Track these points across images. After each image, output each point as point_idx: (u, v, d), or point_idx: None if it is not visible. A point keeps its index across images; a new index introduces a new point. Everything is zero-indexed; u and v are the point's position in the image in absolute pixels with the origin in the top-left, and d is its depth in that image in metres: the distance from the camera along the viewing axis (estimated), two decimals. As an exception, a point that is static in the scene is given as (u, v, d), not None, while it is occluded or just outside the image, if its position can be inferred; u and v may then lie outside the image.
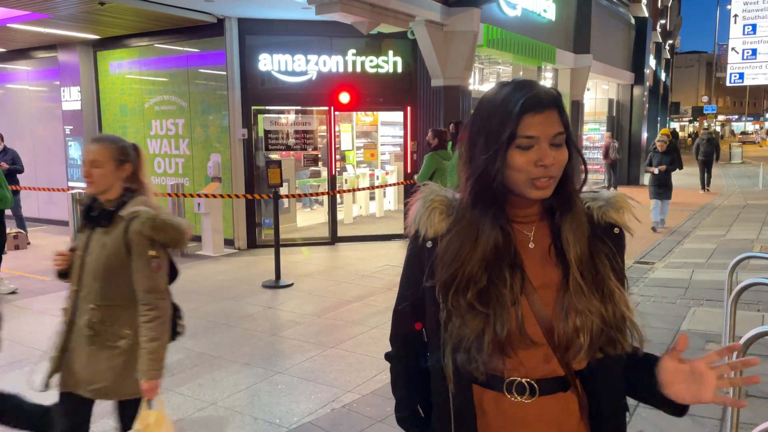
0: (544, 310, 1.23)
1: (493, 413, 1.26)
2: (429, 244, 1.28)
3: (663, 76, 27.67)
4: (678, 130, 47.30)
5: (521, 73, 12.89)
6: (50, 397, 2.63)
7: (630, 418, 3.59)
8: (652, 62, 22.38)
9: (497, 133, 1.20)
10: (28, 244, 9.36)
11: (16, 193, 9.22)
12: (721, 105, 60.89)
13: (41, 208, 11.57)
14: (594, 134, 18.53)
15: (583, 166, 1.31)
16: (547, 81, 14.11)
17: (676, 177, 10.90)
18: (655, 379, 1.24)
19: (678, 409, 1.26)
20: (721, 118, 63.87)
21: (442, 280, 1.23)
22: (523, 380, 1.24)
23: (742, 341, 2.72)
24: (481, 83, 12.01)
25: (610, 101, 18.79)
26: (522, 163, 1.19)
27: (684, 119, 59.80)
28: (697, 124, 56.53)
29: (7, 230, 9.01)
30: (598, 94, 18.47)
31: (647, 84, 20.21)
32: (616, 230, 1.31)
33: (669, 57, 30.33)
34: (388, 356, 1.53)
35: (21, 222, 9.40)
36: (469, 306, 1.19)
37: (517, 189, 1.23)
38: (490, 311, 1.18)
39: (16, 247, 9.05)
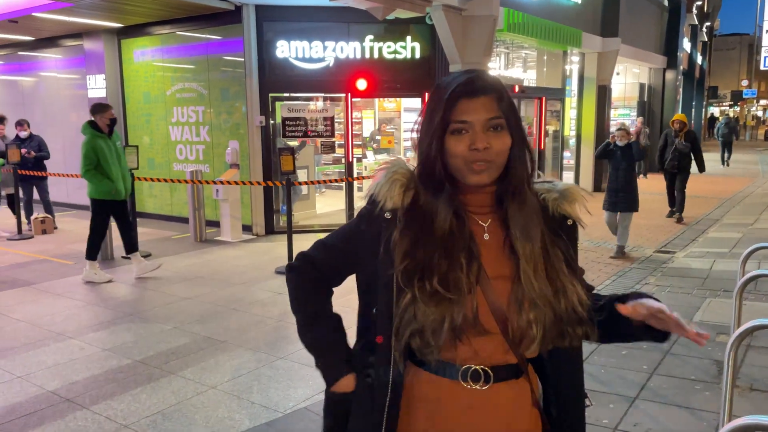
0: (499, 301, 1.24)
1: (449, 401, 1.27)
2: (387, 215, 1.27)
3: (699, 59, 26.83)
4: (717, 115, 45.96)
5: (545, 57, 12.66)
6: None
7: (628, 410, 3.53)
8: (686, 45, 21.74)
9: (434, 119, 1.22)
10: (55, 228, 9.62)
11: (43, 179, 9.50)
12: (762, 89, 58.69)
13: (70, 194, 11.86)
14: (624, 120, 18.13)
15: (529, 156, 1.29)
16: (573, 65, 13.83)
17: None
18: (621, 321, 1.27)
19: (660, 335, 1.26)
20: (763, 102, 61.58)
21: (403, 266, 1.23)
22: (479, 368, 1.25)
23: (735, 334, 2.63)
24: (506, 68, 11.85)
25: (641, 86, 18.33)
26: (457, 149, 1.21)
27: (724, 104, 58.00)
28: (738, 108, 54.75)
29: (35, 215, 9.35)
30: (628, 78, 18.04)
31: (681, 68, 19.65)
32: (570, 222, 1.33)
33: (706, 39, 29.36)
34: (290, 267, 1.45)
35: (48, 207, 9.65)
36: (432, 292, 1.20)
37: (457, 175, 1.24)
38: (454, 296, 1.19)
39: (44, 232, 9.32)
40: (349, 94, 8.97)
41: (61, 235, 9.31)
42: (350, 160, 9.26)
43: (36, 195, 9.63)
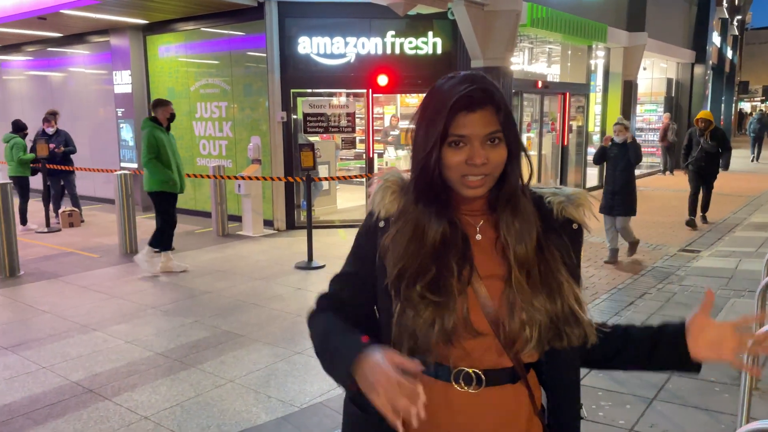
0: (491, 302, 1.23)
1: (441, 404, 1.27)
2: (381, 224, 1.29)
3: (729, 53, 26.24)
4: (748, 110, 44.89)
5: (569, 52, 12.50)
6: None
7: (644, 411, 3.50)
8: (716, 39, 21.27)
9: (432, 129, 1.20)
10: (82, 221, 9.82)
11: (70, 173, 9.70)
12: (796, 83, 57.07)
13: (97, 188, 12.10)
14: (650, 115, 17.85)
15: (528, 164, 1.30)
16: (598, 60, 13.64)
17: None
18: (674, 336, 1.29)
19: (695, 367, 1.29)
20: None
21: (392, 275, 1.23)
22: (470, 370, 1.24)
23: None
24: (530, 63, 11.73)
25: (669, 81, 17.99)
26: (453, 162, 1.20)
27: (755, 99, 56.60)
28: (770, 104, 53.38)
29: (62, 208, 9.55)
30: (656, 73, 17.72)
31: (710, 62, 19.24)
32: (575, 226, 1.32)
33: (737, 33, 28.67)
34: (312, 313, 1.36)
35: (75, 200, 9.85)
36: (421, 297, 1.20)
37: (453, 186, 1.24)
38: (441, 300, 1.19)
39: (71, 225, 9.51)
40: (370, 90, 8.98)
41: (88, 229, 9.50)
42: (371, 155, 9.27)
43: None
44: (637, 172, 16.59)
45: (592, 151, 14.31)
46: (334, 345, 1.22)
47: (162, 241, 6.69)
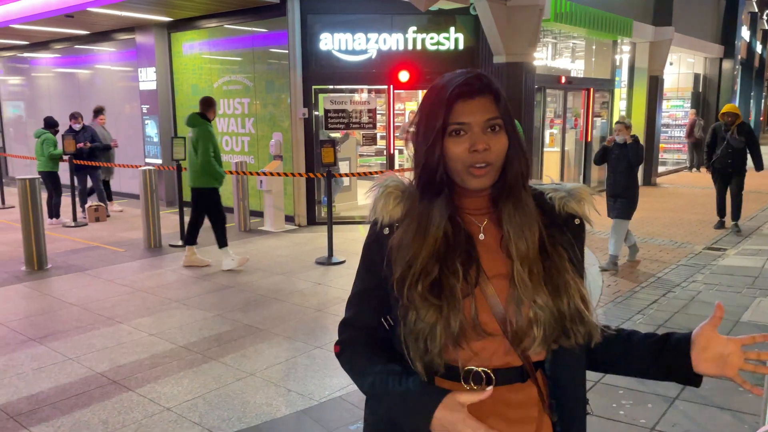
0: (499, 302, 1.22)
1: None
2: (386, 231, 1.28)
3: (759, 48, 25.68)
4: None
5: (594, 47, 12.35)
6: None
7: (666, 411, 3.46)
8: (745, 34, 20.82)
9: (433, 122, 1.20)
10: (108, 216, 9.99)
11: (96, 168, 9.88)
12: (829, 78, 55.63)
13: (123, 183, 12.28)
14: (676, 111, 17.56)
15: (524, 157, 1.28)
16: (623, 55, 13.45)
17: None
18: (678, 348, 1.28)
19: (696, 380, 1.29)
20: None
21: (396, 275, 1.22)
22: (480, 369, 1.23)
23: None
24: (553, 59, 11.61)
25: (696, 76, 17.67)
26: (457, 151, 1.19)
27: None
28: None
29: (88, 203, 9.73)
30: (682, 68, 17.41)
31: (738, 57, 18.84)
32: (577, 221, 1.31)
33: (767, 28, 28.04)
34: (337, 348, 1.36)
35: (101, 195, 10.03)
36: (422, 298, 1.19)
37: (457, 179, 1.23)
38: (443, 303, 1.18)
39: (97, 219, 9.69)
40: (392, 86, 8.98)
41: (114, 223, 9.66)
42: (392, 151, 9.28)
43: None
44: (662, 169, 16.35)
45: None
46: (399, 390, 1.20)
47: (222, 238, 6.75)
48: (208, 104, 6.72)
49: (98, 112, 10.35)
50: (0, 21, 10.72)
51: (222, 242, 6.76)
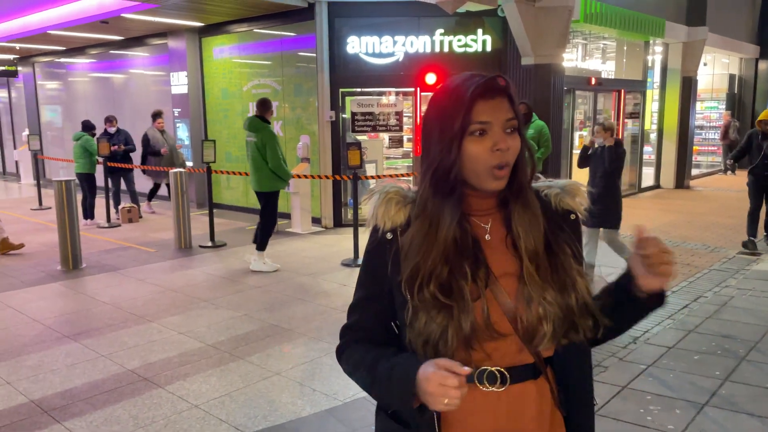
0: (509, 301, 1.24)
1: (465, 404, 1.24)
2: (389, 236, 1.28)
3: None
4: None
5: (625, 48, 12.18)
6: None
7: (695, 417, 3.40)
8: (783, 33, 20.24)
9: (451, 122, 1.20)
10: (140, 217, 10.20)
11: (129, 171, 10.10)
12: None
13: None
14: (711, 113, 17.19)
15: (530, 158, 1.30)
16: (655, 56, 13.23)
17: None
18: (625, 283, 1.26)
19: (656, 300, 1.26)
20: None
21: (406, 274, 1.23)
22: (494, 369, 1.24)
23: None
24: (583, 60, 11.49)
25: (731, 77, 17.27)
26: (478, 151, 1.20)
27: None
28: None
29: (121, 204, 9.95)
30: (717, 69, 17.04)
31: (776, 57, 18.33)
32: (573, 216, 1.33)
33: (807, 26, 27.23)
34: (338, 348, 1.39)
35: (134, 197, 10.26)
36: (433, 299, 1.20)
37: (474, 181, 1.23)
38: (453, 304, 1.19)
39: (129, 220, 9.91)
40: (419, 89, 8.99)
41: (146, 224, 9.87)
42: (418, 153, 9.28)
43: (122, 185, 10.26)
44: (695, 171, 15.97)
45: (649, 150, 13.95)
46: (386, 373, 1.22)
47: (263, 241, 6.81)
48: (265, 106, 6.68)
49: (156, 115, 10.26)
50: (38, 27, 11.04)
51: (262, 246, 6.81)
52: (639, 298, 1.25)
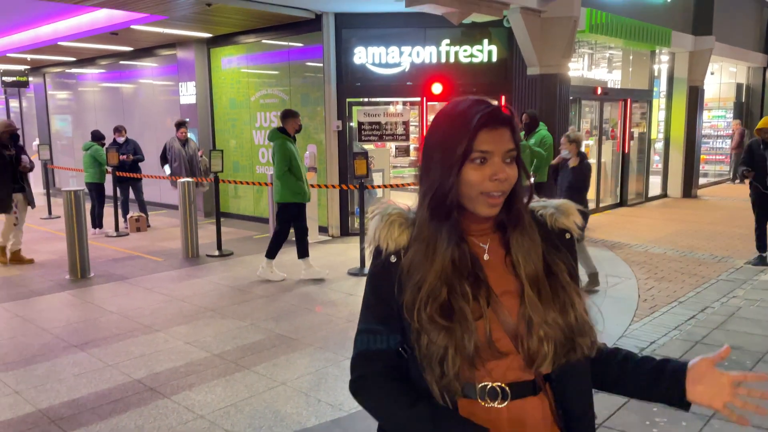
0: (510, 320, 1.25)
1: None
2: (393, 259, 1.29)
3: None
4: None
5: (631, 57, 12.18)
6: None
7: (702, 429, 3.38)
8: (791, 41, 20.19)
9: (453, 148, 1.22)
10: (149, 226, 10.27)
11: (137, 180, 10.18)
12: None
13: (163, 194, 12.61)
14: (718, 122, 17.14)
15: (529, 184, 1.33)
16: (662, 65, 13.22)
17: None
18: (674, 376, 1.34)
19: (686, 406, 1.34)
20: None
21: (405, 297, 1.24)
22: (495, 385, 1.26)
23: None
24: (589, 69, 11.50)
25: (739, 86, 17.23)
26: (476, 178, 1.22)
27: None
28: None
29: (130, 213, 10.02)
30: (724, 77, 17.01)
31: (784, 66, 18.28)
32: (567, 236, 1.36)
33: (816, 34, 27.16)
34: (353, 387, 1.36)
35: (143, 206, 10.33)
36: (431, 321, 1.21)
37: (468, 205, 1.26)
38: (454, 325, 1.20)
39: (138, 230, 9.97)
40: (425, 99, 9.03)
41: (154, 233, 9.93)
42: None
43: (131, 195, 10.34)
44: (703, 180, 15.94)
45: (657, 159, 13.94)
46: (433, 428, 1.21)
47: (273, 249, 6.86)
48: (286, 116, 6.71)
49: (180, 125, 10.14)
50: (49, 39, 11.18)
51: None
52: (672, 396, 1.34)
